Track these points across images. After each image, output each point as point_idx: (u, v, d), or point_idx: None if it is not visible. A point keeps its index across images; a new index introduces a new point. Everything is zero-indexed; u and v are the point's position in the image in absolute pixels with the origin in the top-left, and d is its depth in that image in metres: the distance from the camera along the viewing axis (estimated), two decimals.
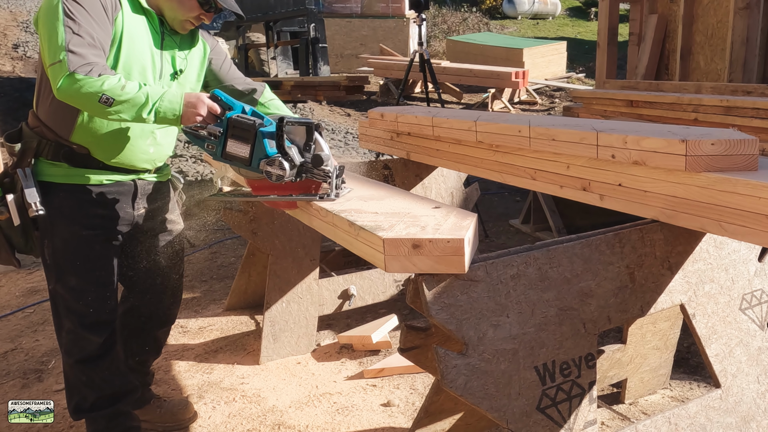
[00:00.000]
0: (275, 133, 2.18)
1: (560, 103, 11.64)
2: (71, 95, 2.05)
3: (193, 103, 2.17)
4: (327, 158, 2.20)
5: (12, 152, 2.32)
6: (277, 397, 3.12)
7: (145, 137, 2.43)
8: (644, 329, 2.78)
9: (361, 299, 3.78)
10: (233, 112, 2.22)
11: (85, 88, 2.03)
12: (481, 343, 1.76)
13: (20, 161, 2.30)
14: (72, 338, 2.45)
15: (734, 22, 5.27)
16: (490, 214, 6.28)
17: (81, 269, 2.41)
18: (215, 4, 2.40)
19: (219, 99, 2.23)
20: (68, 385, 2.54)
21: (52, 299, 2.47)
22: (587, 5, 22.95)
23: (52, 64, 2.06)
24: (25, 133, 2.33)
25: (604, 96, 5.45)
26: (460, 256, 1.65)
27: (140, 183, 2.52)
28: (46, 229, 2.36)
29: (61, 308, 2.45)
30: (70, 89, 2.04)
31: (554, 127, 2.34)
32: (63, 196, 2.34)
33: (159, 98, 2.12)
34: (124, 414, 2.59)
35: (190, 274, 4.93)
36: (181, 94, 2.17)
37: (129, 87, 2.07)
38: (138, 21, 2.32)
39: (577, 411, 1.94)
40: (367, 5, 16.08)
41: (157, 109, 2.12)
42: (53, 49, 2.06)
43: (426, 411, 2.39)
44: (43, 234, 2.37)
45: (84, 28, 2.10)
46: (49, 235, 2.36)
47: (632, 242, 2.02)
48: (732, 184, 1.69)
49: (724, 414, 2.29)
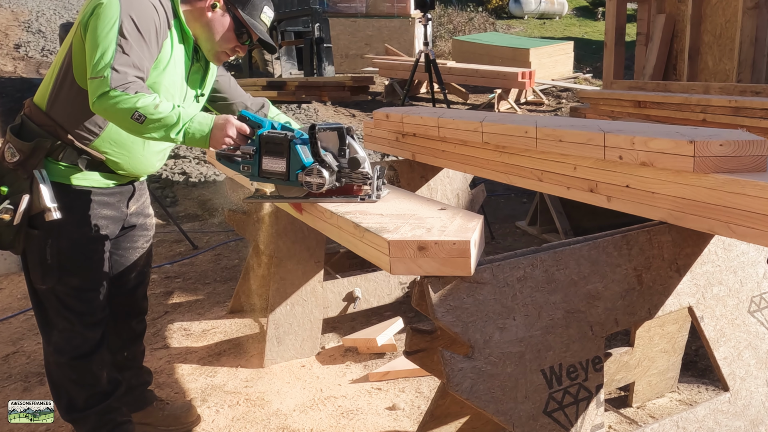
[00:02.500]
0: (309, 142, 2.18)
1: (567, 103, 11.61)
2: (106, 109, 2.08)
3: (222, 125, 2.19)
4: (363, 160, 2.20)
5: (20, 149, 2.28)
6: (281, 401, 3.11)
7: (159, 151, 2.52)
8: (652, 332, 2.76)
9: (366, 302, 3.76)
10: (263, 129, 2.23)
11: (120, 104, 2.06)
12: (488, 346, 1.75)
13: (29, 159, 2.27)
14: (66, 336, 2.46)
15: (743, 22, 5.24)
16: (496, 215, 6.26)
17: (85, 269, 2.43)
18: (251, 37, 2.47)
19: (247, 118, 2.24)
20: (55, 385, 2.54)
21: (42, 299, 2.45)
22: (594, 5, 22.90)
23: (94, 78, 2.08)
24: (35, 130, 2.30)
25: (612, 96, 5.42)
26: (466, 258, 1.64)
27: (136, 185, 2.62)
28: (51, 230, 2.32)
29: (55, 308, 2.44)
30: (107, 104, 2.07)
31: (561, 128, 2.33)
32: (73, 197, 2.36)
33: (189, 120, 2.15)
34: (115, 410, 2.60)
35: (193, 277, 4.92)
36: (212, 117, 2.20)
37: (162, 107, 2.10)
38: (180, 48, 2.40)
39: (584, 415, 1.93)
40: (372, 5, 16.08)
41: (186, 130, 2.15)
42: (99, 63, 2.08)
43: (432, 414, 2.38)
44: (46, 234, 2.33)
45: (134, 49, 2.14)
46: (55, 236, 2.34)
47: (640, 244, 2.01)
48: (741, 186, 1.67)
49: (733, 418, 2.28)
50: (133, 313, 2.85)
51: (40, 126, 2.30)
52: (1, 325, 4.16)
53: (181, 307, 4.31)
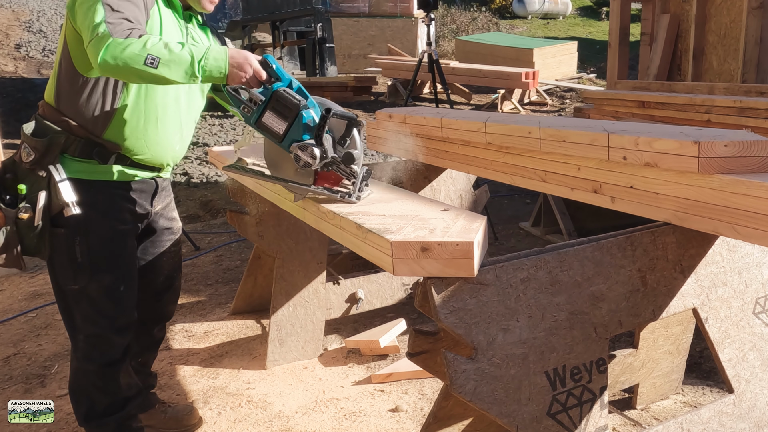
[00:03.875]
0: (317, 122, 2.13)
1: (571, 104, 11.59)
2: (115, 64, 1.95)
3: (240, 63, 2.10)
4: (358, 157, 2.16)
5: (34, 146, 2.23)
6: (283, 403, 3.10)
7: (175, 132, 2.45)
8: (656, 333, 2.75)
9: (369, 303, 3.75)
10: (281, 84, 2.16)
11: (128, 51, 1.95)
12: (491, 347, 1.74)
13: (45, 157, 2.22)
14: (95, 342, 2.41)
15: (748, 22, 5.22)
16: (499, 216, 6.24)
17: (116, 265, 2.39)
18: None
19: (270, 67, 2.16)
20: (76, 392, 2.50)
21: (72, 302, 2.39)
22: (598, 5, 22.88)
23: (91, 41, 1.98)
24: (47, 127, 2.25)
25: (616, 97, 5.41)
26: (470, 259, 1.63)
27: (159, 180, 2.57)
28: (78, 227, 2.28)
29: (84, 311, 2.38)
30: (113, 56, 1.95)
31: (565, 129, 2.32)
32: (95, 191, 2.32)
33: (203, 56, 2.04)
34: (132, 416, 2.58)
35: (195, 278, 4.92)
36: (225, 51, 2.10)
37: (173, 45, 2.01)
38: (168, 14, 2.36)
39: (588, 417, 1.92)
40: (375, 5, 16.07)
41: (203, 67, 2.04)
42: (93, 26, 2.00)
43: (435, 416, 2.36)
44: (74, 232, 2.28)
45: (123, 5, 2.07)
46: (83, 232, 2.29)
47: (644, 245, 1.99)
48: (745, 187, 1.66)
49: (738, 420, 2.27)
50: (156, 319, 2.83)
51: (53, 122, 2.25)
52: (2, 326, 4.15)
53: (182, 308, 4.30)
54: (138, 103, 2.31)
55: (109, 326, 2.41)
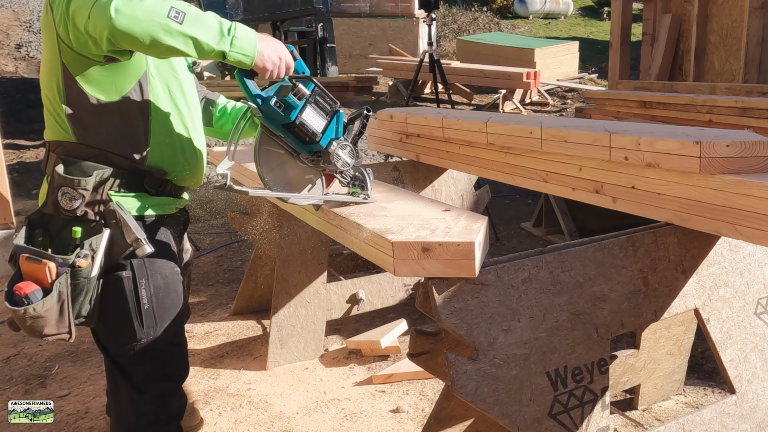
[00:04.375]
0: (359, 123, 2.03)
1: (572, 104, 11.58)
2: (132, 15, 1.62)
3: (275, 49, 1.84)
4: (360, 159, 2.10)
5: (77, 188, 1.86)
6: (284, 403, 3.10)
7: (203, 146, 2.19)
8: (658, 334, 2.75)
9: (370, 303, 3.75)
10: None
11: (145, 4, 1.64)
12: (492, 348, 1.73)
13: (95, 197, 1.88)
14: (166, 401, 2.10)
15: (749, 22, 5.21)
16: (501, 216, 6.24)
17: (177, 309, 2.09)
18: None
19: (294, 55, 1.92)
20: None
21: (131, 362, 2.02)
22: (600, 4, 22.84)
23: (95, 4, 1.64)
24: (84, 165, 1.89)
25: (617, 97, 5.40)
26: (471, 259, 1.63)
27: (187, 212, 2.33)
28: (141, 268, 1.97)
29: (149, 368, 2.04)
30: (131, 9, 1.62)
31: (566, 129, 2.32)
32: (151, 228, 2.02)
33: (232, 25, 1.76)
34: None
35: (196, 278, 4.91)
36: (253, 31, 1.81)
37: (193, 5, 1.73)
38: None
39: (589, 417, 1.92)
40: (376, 4, 16.05)
41: (234, 37, 1.75)
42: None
43: (436, 417, 2.36)
44: (138, 274, 1.96)
45: None
46: (148, 274, 1.98)
47: (645, 246, 1.99)
48: (747, 187, 1.66)
49: (739, 420, 2.26)
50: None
51: (88, 158, 1.91)
52: (2, 327, 4.15)
53: None
54: (168, 113, 2.02)
55: (179, 377, 2.16)
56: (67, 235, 1.87)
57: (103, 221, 1.89)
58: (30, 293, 1.77)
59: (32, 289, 1.78)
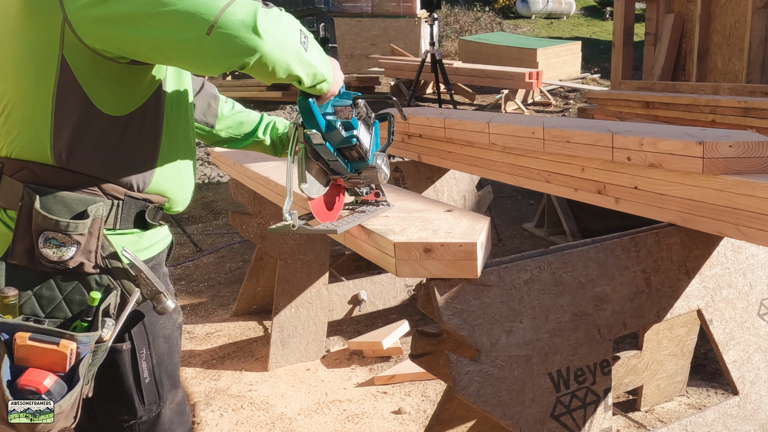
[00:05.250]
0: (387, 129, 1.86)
1: (575, 104, 11.57)
2: (280, 43, 1.31)
3: (335, 63, 1.61)
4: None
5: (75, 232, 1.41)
6: (285, 405, 3.10)
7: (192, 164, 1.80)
8: (660, 335, 2.74)
9: (372, 304, 3.74)
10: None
11: (284, 21, 1.34)
12: (494, 349, 1.73)
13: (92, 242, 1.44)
14: None
15: (752, 22, 5.20)
16: (503, 217, 6.23)
17: (178, 368, 1.76)
18: None
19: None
20: None
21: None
22: (602, 4, 22.82)
23: (224, 9, 1.24)
24: (68, 199, 1.43)
25: (620, 97, 5.39)
26: (473, 260, 1.62)
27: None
28: (141, 337, 1.59)
29: None
30: (277, 29, 1.31)
31: (569, 129, 2.31)
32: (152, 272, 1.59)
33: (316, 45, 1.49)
34: None
35: (197, 279, 4.91)
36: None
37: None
38: None
39: (591, 419, 1.91)
40: (377, 4, 16.04)
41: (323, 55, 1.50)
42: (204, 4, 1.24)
43: (437, 418, 2.36)
44: (139, 342, 1.58)
45: None
46: (149, 342, 1.61)
47: (648, 246, 1.98)
48: (750, 187, 1.66)
49: (742, 422, 2.25)
50: None
51: (69, 189, 1.43)
52: None
53: (184, 309, 4.30)
54: (176, 126, 1.63)
55: None
56: (56, 295, 1.43)
57: (109, 274, 1.47)
58: (51, 388, 1.35)
59: (52, 381, 1.35)
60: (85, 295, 1.44)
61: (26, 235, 1.40)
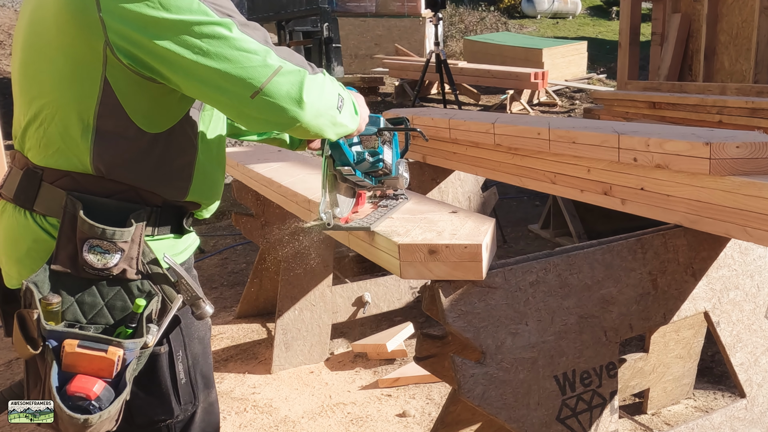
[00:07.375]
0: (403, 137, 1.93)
1: (581, 104, 11.54)
2: (318, 112, 1.39)
3: (363, 101, 1.67)
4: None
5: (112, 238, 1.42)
6: (289, 408, 3.09)
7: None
8: (667, 337, 2.72)
9: (376, 306, 3.73)
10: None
11: (328, 91, 1.42)
12: (500, 351, 1.72)
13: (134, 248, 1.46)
14: None
15: (760, 22, 5.18)
16: (508, 218, 6.21)
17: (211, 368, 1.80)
18: None
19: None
20: None
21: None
22: (608, 4, 22.78)
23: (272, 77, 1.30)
24: (115, 204, 1.46)
25: (626, 97, 5.38)
26: (478, 262, 1.61)
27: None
28: (178, 340, 1.61)
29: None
30: (318, 100, 1.38)
31: (574, 130, 2.30)
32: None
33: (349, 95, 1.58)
34: None
35: (200, 281, 4.89)
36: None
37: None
38: None
39: (598, 422, 1.90)
40: (381, 4, 16.02)
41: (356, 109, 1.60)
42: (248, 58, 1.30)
43: (442, 421, 2.35)
44: (176, 345, 1.60)
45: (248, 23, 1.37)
46: (185, 344, 1.64)
47: (655, 248, 1.97)
48: (758, 188, 1.65)
49: (750, 425, 2.24)
50: None
51: (110, 196, 1.47)
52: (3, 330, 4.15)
53: None
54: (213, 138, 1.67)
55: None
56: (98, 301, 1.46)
57: (150, 280, 1.48)
58: (101, 394, 1.36)
59: (101, 387, 1.37)
60: (126, 301, 1.46)
61: (69, 242, 1.42)
